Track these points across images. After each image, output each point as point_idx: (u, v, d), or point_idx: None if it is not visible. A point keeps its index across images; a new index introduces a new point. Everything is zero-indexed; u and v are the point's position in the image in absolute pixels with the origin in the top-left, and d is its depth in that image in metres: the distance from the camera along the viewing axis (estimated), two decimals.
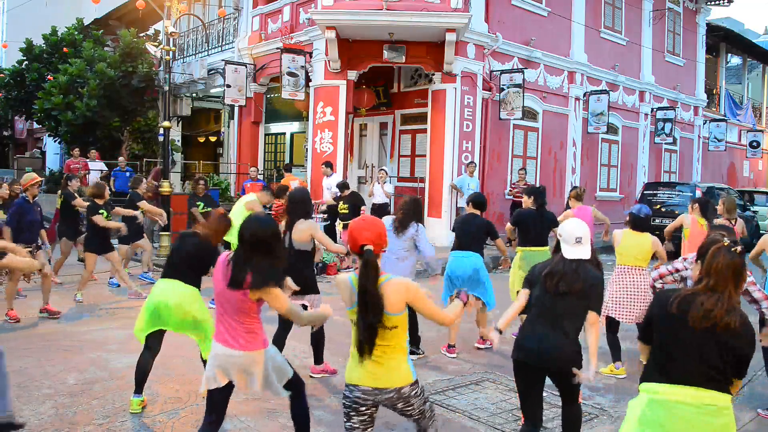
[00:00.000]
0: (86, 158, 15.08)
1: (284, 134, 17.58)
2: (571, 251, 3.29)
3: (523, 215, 6.40)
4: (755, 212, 15.86)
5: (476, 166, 12.27)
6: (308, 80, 12.93)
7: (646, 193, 13.93)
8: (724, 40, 23.51)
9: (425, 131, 12.95)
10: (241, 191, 13.02)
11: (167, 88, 11.67)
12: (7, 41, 25.57)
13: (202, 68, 16.14)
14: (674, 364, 2.53)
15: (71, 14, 24.05)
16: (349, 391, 2.77)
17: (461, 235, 5.98)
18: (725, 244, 2.54)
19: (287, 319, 4.00)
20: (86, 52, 18.22)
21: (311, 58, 12.84)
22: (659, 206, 13.03)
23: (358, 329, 2.72)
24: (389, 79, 14.25)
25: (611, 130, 16.44)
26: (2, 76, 22.72)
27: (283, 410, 4.37)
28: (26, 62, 22.02)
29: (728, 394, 2.48)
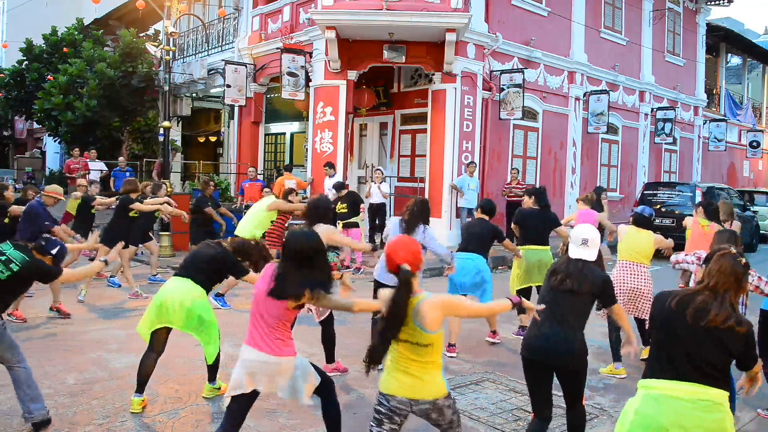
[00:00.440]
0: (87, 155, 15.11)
1: (284, 134, 17.56)
2: (576, 251, 3.47)
3: (524, 214, 6.57)
4: (755, 212, 15.86)
5: (476, 166, 12.27)
6: (308, 80, 12.91)
7: (646, 193, 13.93)
8: (724, 40, 23.49)
9: (425, 131, 12.93)
10: (239, 191, 13.04)
11: (167, 88, 11.70)
12: (7, 41, 25.60)
13: (202, 68, 16.12)
14: (672, 361, 2.60)
15: (71, 14, 24.09)
16: (385, 400, 2.85)
17: (467, 237, 6.12)
18: (731, 252, 2.74)
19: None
20: (86, 52, 18.24)
21: (311, 58, 12.83)
22: (659, 206, 13.02)
23: (376, 337, 2.81)
24: (389, 79, 14.23)
25: (611, 130, 16.42)
26: (2, 76, 22.76)
27: (282, 410, 4.38)
28: (26, 62, 22.05)
29: (725, 390, 2.55)
